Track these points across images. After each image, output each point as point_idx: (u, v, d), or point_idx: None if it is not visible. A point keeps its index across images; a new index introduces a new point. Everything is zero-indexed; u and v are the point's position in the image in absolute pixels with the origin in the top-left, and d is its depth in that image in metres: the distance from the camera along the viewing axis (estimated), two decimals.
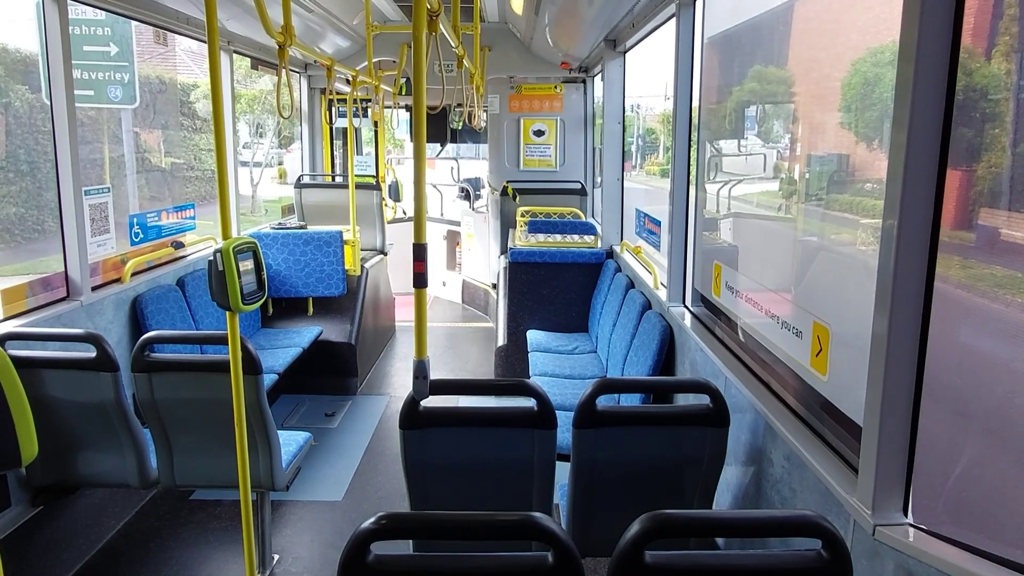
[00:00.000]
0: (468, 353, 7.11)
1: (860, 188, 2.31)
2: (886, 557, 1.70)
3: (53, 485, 3.20)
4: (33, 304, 3.54)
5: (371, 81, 5.58)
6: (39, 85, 3.88)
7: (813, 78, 2.63)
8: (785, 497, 2.32)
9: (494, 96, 7.70)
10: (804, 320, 2.38)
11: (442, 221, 9.61)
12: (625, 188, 6.25)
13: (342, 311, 5.96)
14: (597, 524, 2.57)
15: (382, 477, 4.36)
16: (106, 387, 2.93)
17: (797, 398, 2.46)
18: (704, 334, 3.39)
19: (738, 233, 3.31)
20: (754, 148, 3.18)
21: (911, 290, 1.66)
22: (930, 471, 1.89)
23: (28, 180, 10.02)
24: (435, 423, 2.42)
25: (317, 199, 7.02)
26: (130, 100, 5.64)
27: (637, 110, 17.16)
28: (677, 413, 2.50)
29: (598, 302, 5.58)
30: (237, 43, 5.61)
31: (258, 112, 17.54)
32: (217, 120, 2.33)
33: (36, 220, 9.97)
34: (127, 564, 3.39)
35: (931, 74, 1.57)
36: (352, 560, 1.45)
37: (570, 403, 4.00)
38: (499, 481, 2.53)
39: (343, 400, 5.65)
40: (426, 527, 1.58)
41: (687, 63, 3.85)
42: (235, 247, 2.48)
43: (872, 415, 1.75)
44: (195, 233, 5.27)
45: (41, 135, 9.57)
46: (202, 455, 3.15)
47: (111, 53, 5.45)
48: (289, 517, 3.86)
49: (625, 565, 1.45)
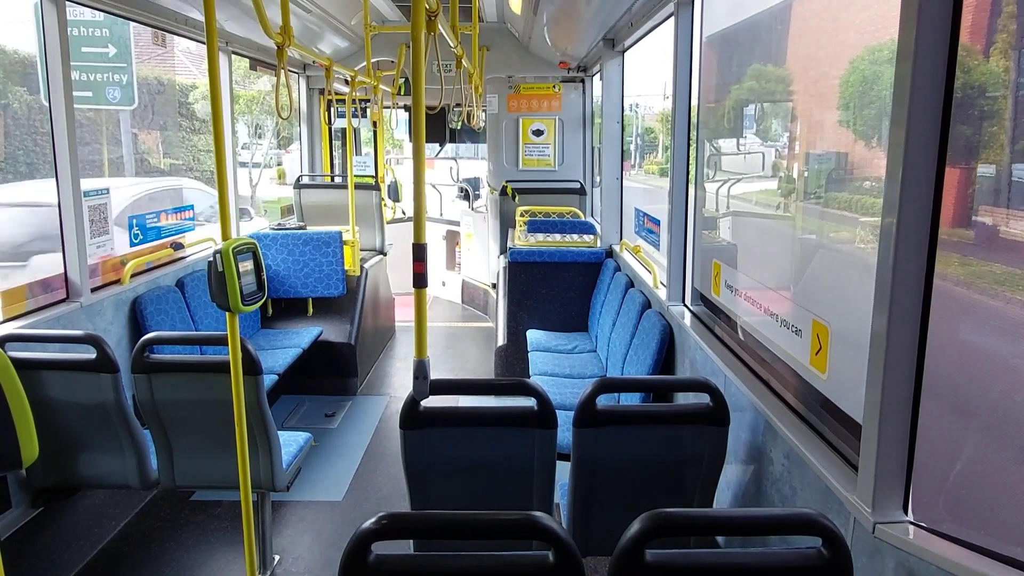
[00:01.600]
0: (468, 353, 7.11)
1: (858, 186, 2.31)
2: (886, 555, 1.70)
3: (54, 486, 3.20)
4: (33, 306, 3.54)
5: (370, 81, 5.58)
6: (38, 87, 3.87)
7: (811, 76, 2.63)
8: (785, 495, 2.33)
9: (493, 96, 7.70)
10: (804, 318, 2.38)
11: (441, 221, 9.61)
12: (624, 187, 6.25)
13: (342, 311, 5.96)
14: (597, 523, 2.57)
15: (382, 477, 4.36)
16: (106, 388, 2.93)
17: (797, 396, 2.46)
18: (704, 333, 3.39)
19: (737, 232, 3.31)
20: (753, 147, 3.18)
21: (910, 287, 1.66)
22: (930, 469, 1.89)
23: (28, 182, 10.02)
24: (435, 423, 2.42)
25: (316, 199, 7.02)
26: (128, 101, 5.64)
27: (636, 109, 17.17)
28: (677, 412, 2.50)
29: (597, 301, 5.58)
30: (236, 44, 5.61)
31: (256, 113, 17.55)
32: (216, 121, 2.33)
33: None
34: (128, 565, 3.39)
35: (929, 72, 1.57)
36: (353, 560, 1.45)
37: (570, 402, 4.01)
38: (499, 481, 2.53)
39: (343, 400, 5.65)
40: (427, 527, 1.58)
41: (686, 62, 3.85)
42: (235, 248, 2.48)
43: (872, 413, 1.75)
44: (194, 234, 5.27)
45: (40, 136, 9.57)
46: (202, 456, 3.15)
47: (109, 54, 5.45)
48: (290, 517, 3.86)
49: (626, 564, 1.45)
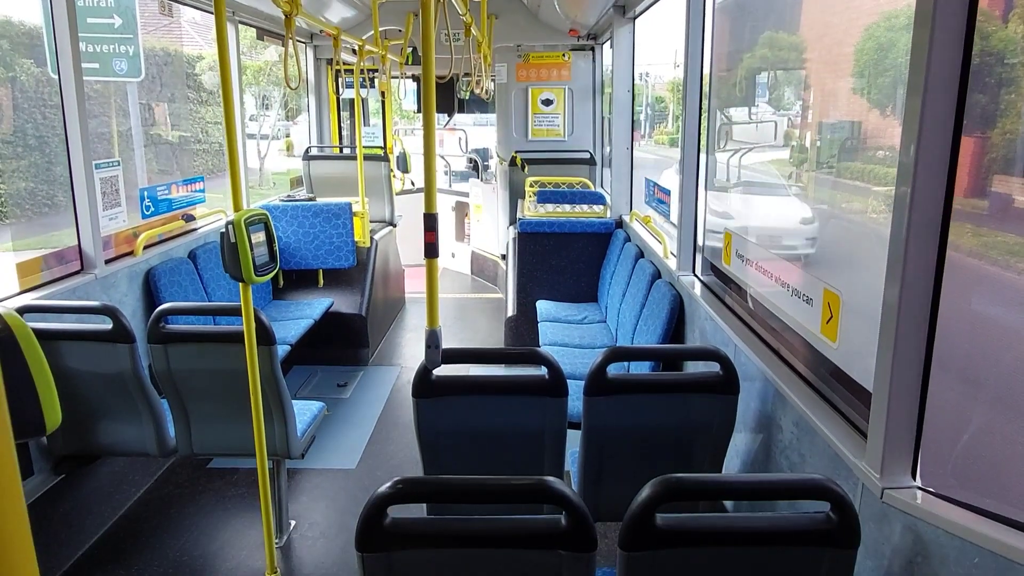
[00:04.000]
0: (478, 324, 7.15)
1: (872, 155, 2.29)
2: (894, 519, 1.73)
3: (74, 454, 3.27)
4: (48, 277, 3.58)
5: (378, 51, 5.53)
6: (44, 59, 3.84)
7: (825, 43, 2.60)
8: (794, 463, 2.35)
9: (501, 65, 7.62)
10: (815, 287, 2.39)
11: (450, 192, 9.58)
12: (635, 158, 6.21)
13: (352, 283, 6.00)
14: (607, 490, 2.61)
15: (394, 446, 4.43)
16: (123, 358, 2.98)
17: (807, 365, 2.48)
18: (714, 302, 3.40)
19: (748, 201, 3.30)
20: (765, 115, 3.15)
21: (923, 257, 1.66)
22: (939, 437, 1.91)
23: (37, 155, 10.04)
24: (447, 392, 2.45)
25: (325, 171, 7.02)
26: (136, 73, 5.60)
27: (646, 79, 16.93)
28: (687, 381, 2.52)
29: (607, 272, 5.58)
30: (242, 13, 5.56)
31: (263, 84, 17.42)
32: (226, 92, 2.33)
33: (47, 195, 10.01)
34: (148, 530, 3.48)
35: (947, 39, 1.55)
36: (370, 522, 1.49)
37: (580, 372, 4.04)
38: (511, 448, 2.57)
39: (355, 371, 5.71)
40: (442, 490, 1.61)
41: (698, 29, 3.80)
42: (247, 219, 2.49)
43: (882, 380, 1.77)
44: (205, 206, 5.29)
45: (48, 108, 9.55)
46: (219, 424, 3.21)
47: (115, 25, 5.39)
48: (304, 484, 3.94)
49: (637, 527, 1.48)
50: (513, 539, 1.51)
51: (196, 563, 3.25)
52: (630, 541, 1.50)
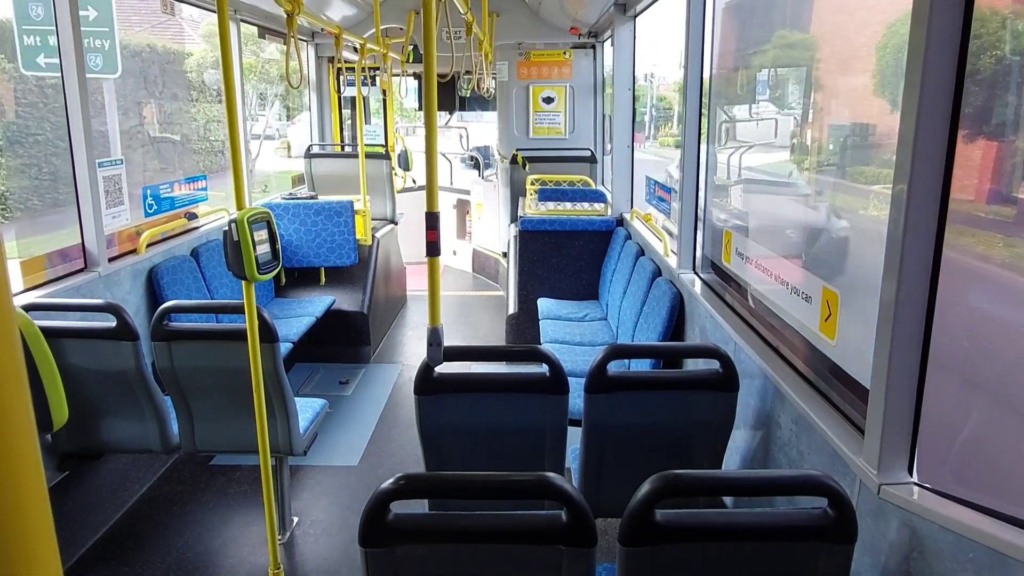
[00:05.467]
0: (479, 321, 7.16)
1: (871, 156, 2.30)
2: (891, 515, 1.74)
3: (78, 451, 3.29)
4: (51, 275, 3.60)
5: (379, 49, 5.54)
6: (14, 54, 3.73)
7: (828, 42, 2.61)
8: (793, 460, 2.37)
9: (502, 63, 7.63)
10: (813, 285, 2.40)
11: (452, 190, 9.59)
12: (638, 160, 6.22)
13: (354, 280, 6.01)
14: (608, 486, 2.63)
15: (396, 443, 4.45)
16: (127, 356, 3.00)
17: (806, 362, 2.49)
18: (714, 300, 3.41)
19: (749, 200, 3.31)
20: (765, 114, 3.16)
21: (920, 255, 1.67)
22: (936, 436, 1.92)
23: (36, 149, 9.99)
24: (449, 389, 2.47)
25: (327, 169, 7.03)
26: (112, 69, 5.35)
27: (650, 79, 16.88)
28: (687, 378, 2.53)
29: (608, 270, 5.60)
30: (244, 12, 5.57)
31: (255, 82, 17.31)
32: (228, 91, 2.34)
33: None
34: (151, 527, 3.50)
35: (944, 37, 1.56)
36: (373, 517, 1.51)
37: (581, 369, 4.05)
38: (512, 445, 2.59)
39: (357, 368, 5.73)
40: (444, 486, 1.63)
41: (699, 27, 3.80)
42: (249, 217, 2.51)
43: (879, 377, 1.78)
44: (207, 204, 5.30)
45: (22, 107, 9.50)
46: (222, 421, 3.23)
47: (89, 18, 5.15)
48: (307, 481, 3.96)
49: (637, 522, 1.50)
50: (514, 535, 1.53)
51: (199, 560, 3.27)
52: (630, 537, 1.52)
